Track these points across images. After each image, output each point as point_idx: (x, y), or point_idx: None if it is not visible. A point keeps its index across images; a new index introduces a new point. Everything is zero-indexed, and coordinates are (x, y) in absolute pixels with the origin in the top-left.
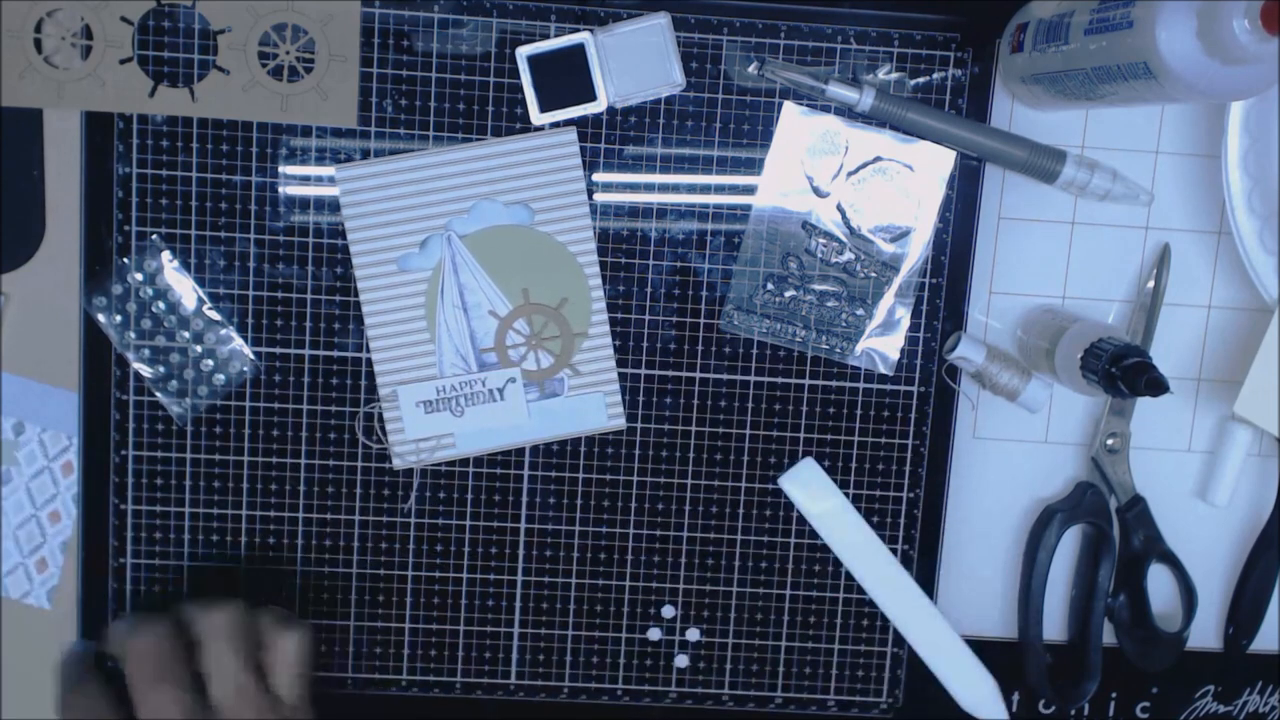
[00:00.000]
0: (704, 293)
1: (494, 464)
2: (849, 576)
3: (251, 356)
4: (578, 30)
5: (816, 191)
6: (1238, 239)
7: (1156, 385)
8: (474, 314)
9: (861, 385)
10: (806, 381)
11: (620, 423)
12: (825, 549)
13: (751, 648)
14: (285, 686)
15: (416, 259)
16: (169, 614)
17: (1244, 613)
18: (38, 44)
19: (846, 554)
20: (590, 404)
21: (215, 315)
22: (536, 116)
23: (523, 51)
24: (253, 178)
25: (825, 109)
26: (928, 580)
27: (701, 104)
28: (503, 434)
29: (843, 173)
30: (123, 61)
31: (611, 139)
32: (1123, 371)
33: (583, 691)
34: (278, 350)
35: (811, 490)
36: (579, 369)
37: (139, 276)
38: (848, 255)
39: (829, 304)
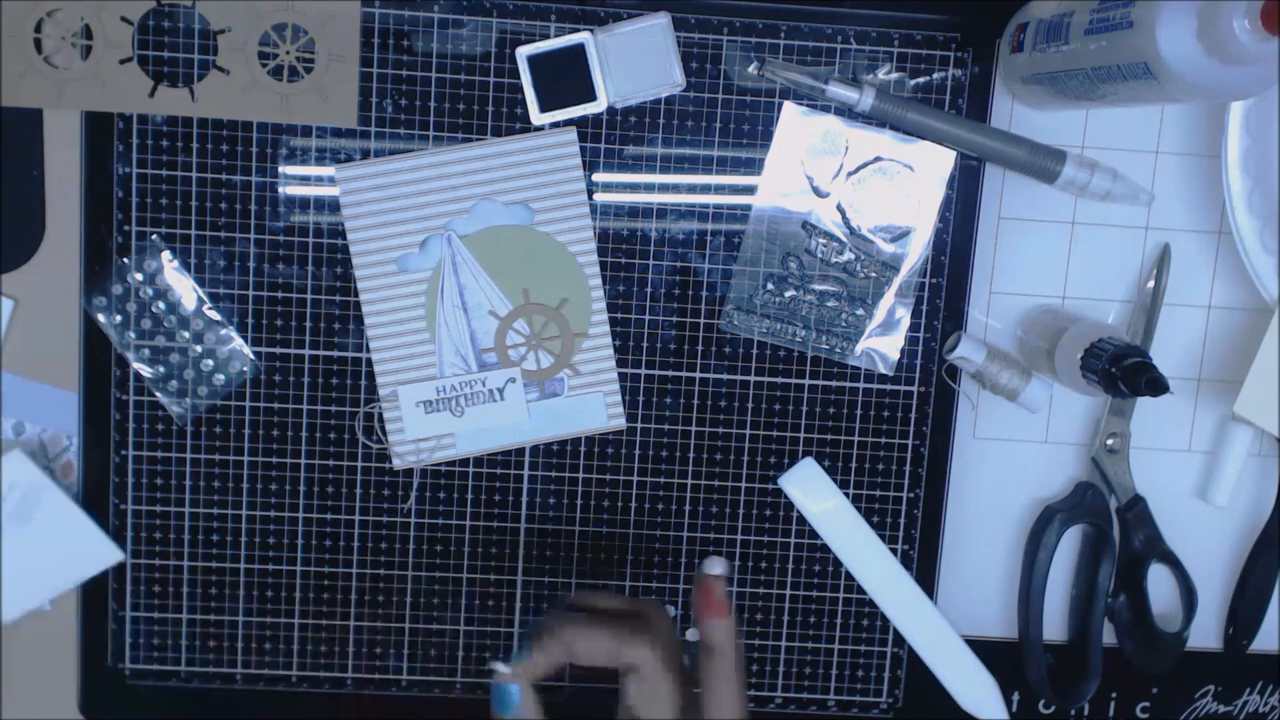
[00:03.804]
0: (704, 293)
1: (494, 464)
2: (849, 576)
3: (251, 356)
4: (578, 30)
5: (816, 191)
6: (1238, 239)
7: (1156, 385)
8: (474, 314)
9: (861, 385)
10: (806, 381)
11: (620, 423)
12: (825, 549)
13: (751, 648)
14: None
15: (416, 259)
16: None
17: (1244, 613)
18: (38, 44)
19: (846, 554)
20: (590, 404)
21: (215, 315)
22: (536, 116)
23: (523, 51)
24: (253, 178)
25: (825, 109)
26: (928, 580)
27: (701, 104)
28: (503, 434)
29: (843, 173)
30: (123, 61)
31: (611, 139)
32: (1123, 371)
33: (583, 691)
34: (278, 350)
35: (811, 490)
36: (579, 369)
37: (139, 276)
38: (848, 255)
39: (829, 304)
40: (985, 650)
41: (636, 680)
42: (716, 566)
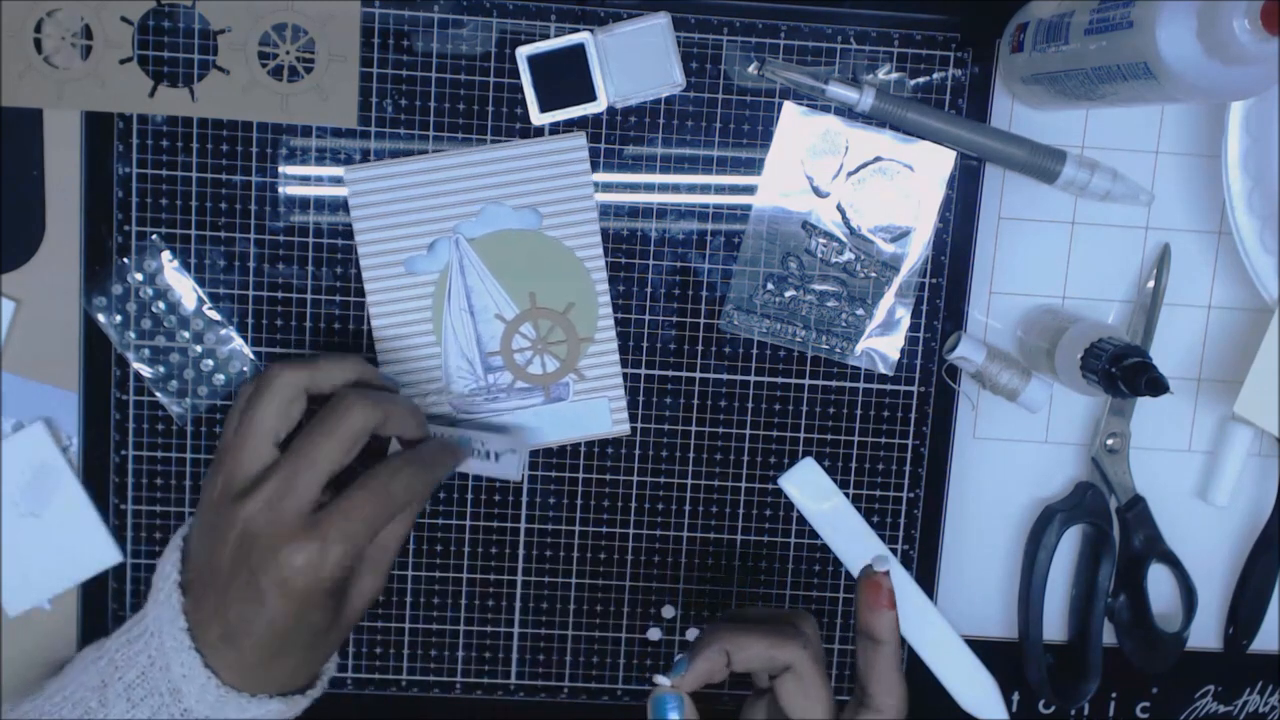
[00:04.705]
0: (704, 293)
1: None
2: (849, 576)
3: (251, 356)
4: (578, 30)
5: (816, 191)
6: (1238, 239)
7: (1156, 385)
8: (480, 317)
9: (861, 385)
10: (806, 381)
11: (625, 428)
12: (825, 549)
13: None
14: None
15: (424, 261)
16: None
17: (1244, 613)
18: (38, 44)
19: (846, 554)
20: (595, 409)
21: (215, 315)
22: (536, 116)
23: (523, 51)
24: (253, 178)
25: (825, 109)
26: (928, 580)
27: (701, 104)
28: None
29: (843, 173)
30: (123, 61)
31: (611, 139)
32: (1123, 371)
33: (583, 691)
34: (278, 350)
35: (811, 490)
36: (584, 374)
37: (139, 276)
38: (848, 255)
39: (829, 304)
40: (985, 650)
41: (791, 679)
42: (884, 564)
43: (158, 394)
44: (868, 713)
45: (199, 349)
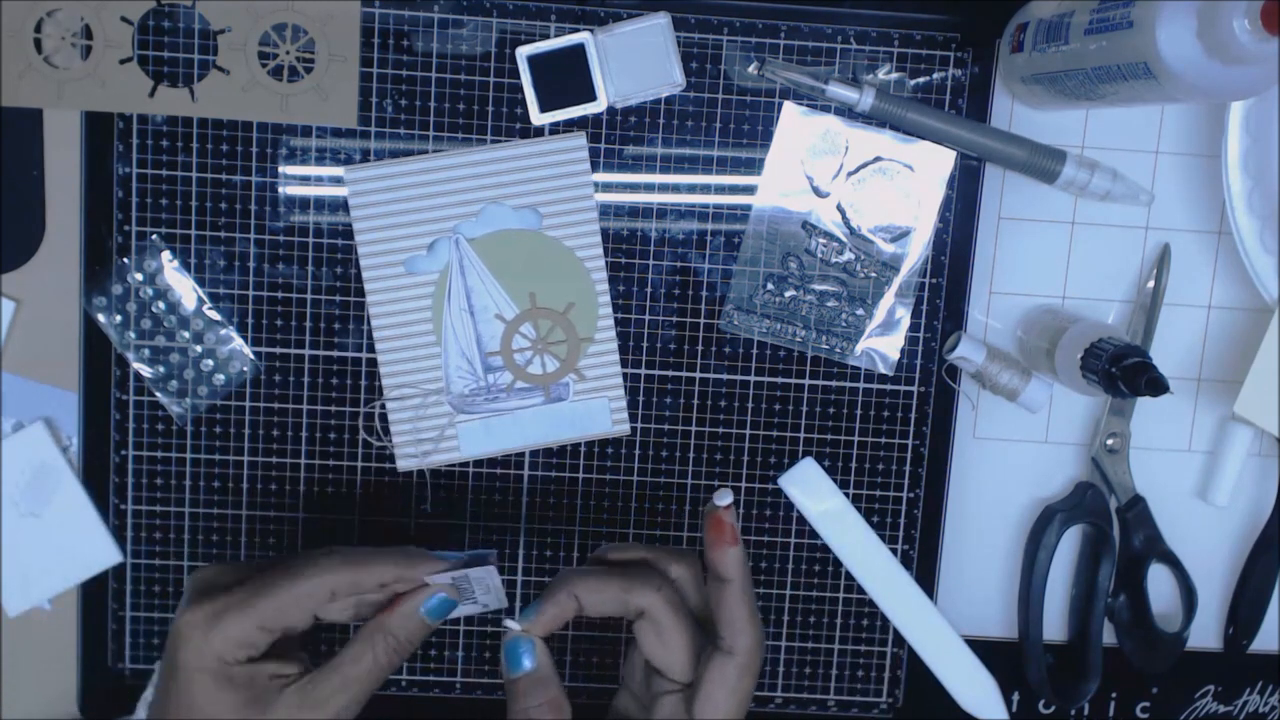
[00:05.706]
0: (704, 293)
1: (494, 464)
2: (849, 576)
3: (251, 356)
4: (578, 30)
5: (816, 191)
6: (1238, 239)
7: (1156, 385)
8: (480, 317)
9: (861, 385)
10: (806, 381)
11: (625, 429)
12: (825, 549)
13: None
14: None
15: (424, 261)
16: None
17: (1244, 613)
18: (38, 44)
19: (846, 554)
20: (595, 409)
21: (215, 315)
22: (536, 116)
23: (523, 51)
24: (253, 178)
25: (825, 109)
26: (928, 580)
27: (701, 104)
28: (507, 438)
29: (843, 173)
30: (123, 61)
31: (611, 139)
32: (1123, 371)
33: (583, 691)
34: (278, 350)
35: (811, 490)
36: (584, 374)
37: (139, 276)
38: (848, 255)
39: (829, 304)
40: (985, 650)
41: (647, 625)
42: (726, 497)
43: (158, 394)
44: (720, 655)
45: (199, 349)
